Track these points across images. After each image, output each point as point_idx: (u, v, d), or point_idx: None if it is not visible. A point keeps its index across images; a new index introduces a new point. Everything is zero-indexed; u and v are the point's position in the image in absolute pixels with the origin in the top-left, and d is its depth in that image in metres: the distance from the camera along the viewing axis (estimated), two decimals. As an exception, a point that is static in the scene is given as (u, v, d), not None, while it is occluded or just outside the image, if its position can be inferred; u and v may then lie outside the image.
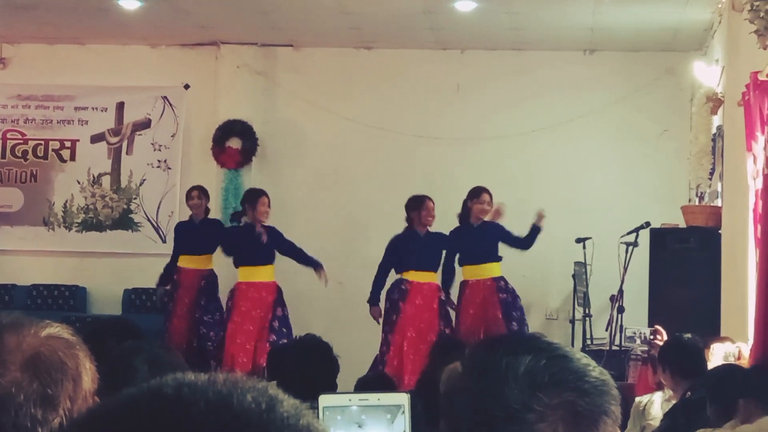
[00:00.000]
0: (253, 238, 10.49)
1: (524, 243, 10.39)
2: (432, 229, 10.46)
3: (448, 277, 10.47)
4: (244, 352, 10.38)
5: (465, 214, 10.47)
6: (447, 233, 10.42)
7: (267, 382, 1.06)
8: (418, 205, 10.36)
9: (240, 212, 10.91)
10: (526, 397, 1.48)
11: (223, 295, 11.00)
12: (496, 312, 10.20)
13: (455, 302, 10.39)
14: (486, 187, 10.45)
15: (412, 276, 10.31)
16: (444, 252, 10.43)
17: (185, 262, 11.15)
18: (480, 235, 10.39)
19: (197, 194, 11.31)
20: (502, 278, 10.32)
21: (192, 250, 11.15)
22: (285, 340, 9.97)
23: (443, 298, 10.33)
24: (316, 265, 10.74)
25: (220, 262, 11.17)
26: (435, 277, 10.36)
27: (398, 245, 10.41)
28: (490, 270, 10.37)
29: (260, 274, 10.64)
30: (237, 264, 10.73)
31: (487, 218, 10.38)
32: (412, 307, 10.22)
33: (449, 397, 1.67)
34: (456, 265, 10.48)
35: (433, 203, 10.39)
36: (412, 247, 10.31)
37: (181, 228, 11.47)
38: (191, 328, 10.98)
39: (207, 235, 11.09)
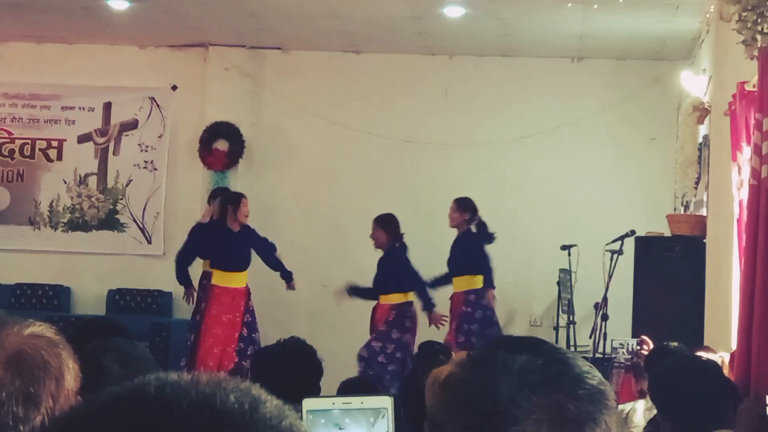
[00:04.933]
0: (229, 241, 10.28)
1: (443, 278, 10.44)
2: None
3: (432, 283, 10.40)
4: (212, 356, 10.06)
5: None
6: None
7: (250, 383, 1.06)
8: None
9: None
10: (515, 393, 1.46)
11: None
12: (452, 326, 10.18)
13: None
14: (457, 197, 10.44)
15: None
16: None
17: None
18: (454, 247, 10.41)
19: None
20: (473, 291, 10.24)
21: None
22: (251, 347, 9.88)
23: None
24: (286, 275, 10.54)
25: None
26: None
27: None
28: (459, 284, 10.34)
29: (235, 280, 10.37)
30: (212, 265, 10.35)
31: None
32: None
33: (444, 390, 1.64)
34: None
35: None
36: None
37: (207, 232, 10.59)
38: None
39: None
